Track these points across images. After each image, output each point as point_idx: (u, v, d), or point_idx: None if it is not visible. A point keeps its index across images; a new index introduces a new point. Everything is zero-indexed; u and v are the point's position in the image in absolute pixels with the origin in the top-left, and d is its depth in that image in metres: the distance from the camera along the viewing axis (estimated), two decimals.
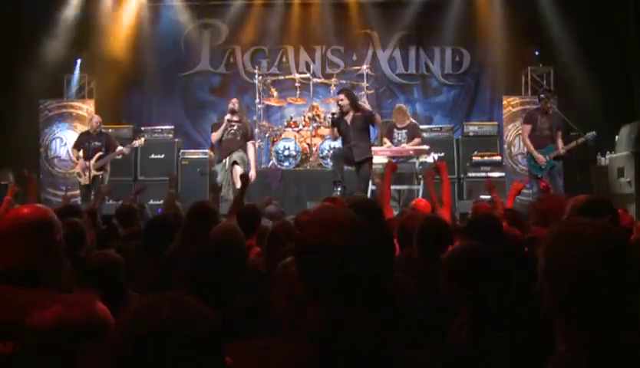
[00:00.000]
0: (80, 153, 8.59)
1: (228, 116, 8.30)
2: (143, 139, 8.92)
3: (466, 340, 1.95)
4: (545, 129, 8.11)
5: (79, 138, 8.87)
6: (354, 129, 7.46)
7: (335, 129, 7.76)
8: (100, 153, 8.51)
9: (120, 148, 8.59)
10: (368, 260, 1.38)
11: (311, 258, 1.37)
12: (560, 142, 8.06)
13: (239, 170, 7.93)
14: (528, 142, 8.15)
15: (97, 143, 8.57)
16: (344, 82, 10.29)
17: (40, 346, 1.57)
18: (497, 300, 1.97)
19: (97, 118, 8.87)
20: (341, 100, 7.55)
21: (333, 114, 7.93)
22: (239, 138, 8.24)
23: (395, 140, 8.44)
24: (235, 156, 8.16)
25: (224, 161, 8.22)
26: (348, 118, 7.51)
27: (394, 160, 7.21)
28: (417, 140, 8.36)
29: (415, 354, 1.73)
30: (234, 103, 8.36)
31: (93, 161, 8.47)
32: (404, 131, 8.48)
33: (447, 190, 4.85)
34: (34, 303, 1.70)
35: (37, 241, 2.00)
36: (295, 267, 1.40)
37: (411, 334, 2.05)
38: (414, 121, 8.93)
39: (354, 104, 7.57)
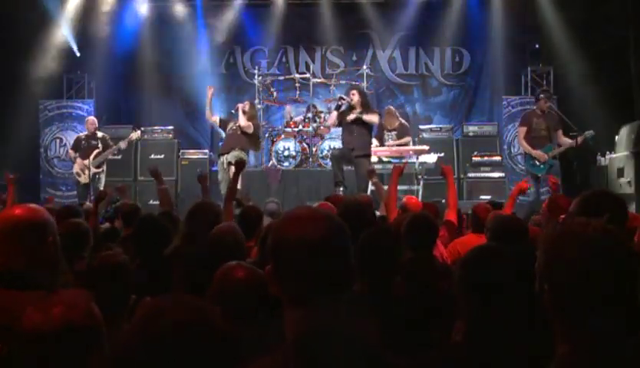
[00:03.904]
0: (78, 154, 8.73)
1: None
2: (139, 131, 9.07)
3: (468, 341, 1.95)
4: (541, 130, 8.06)
5: (75, 140, 9.02)
6: (359, 125, 7.66)
7: (336, 115, 7.84)
8: (97, 150, 8.65)
9: (115, 146, 8.69)
10: (345, 258, 1.31)
11: (286, 256, 1.29)
12: (564, 139, 7.96)
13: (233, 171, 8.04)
14: (524, 143, 8.10)
15: (93, 142, 8.73)
16: (344, 82, 10.29)
17: (42, 349, 1.49)
18: (502, 301, 1.96)
19: (92, 119, 9.05)
20: (353, 95, 7.75)
21: (341, 98, 7.99)
22: (239, 133, 8.34)
23: (386, 143, 8.52)
24: (231, 156, 8.18)
25: (222, 159, 8.28)
26: (356, 113, 7.70)
27: (399, 161, 7.26)
28: (406, 139, 8.49)
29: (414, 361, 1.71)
30: (245, 104, 8.50)
31: (91, 158, 8.58)
32: (393, 133, 8.57)
33: (452, 193, 4.86)
34: (24, 306, 1.65)
35: (28, 241, 1.95)
36: (270, 267, 1.31)
37: (402, 336, 2.05)
38: (403, 122, 8.93)
39: (365, 104, 7.77)
